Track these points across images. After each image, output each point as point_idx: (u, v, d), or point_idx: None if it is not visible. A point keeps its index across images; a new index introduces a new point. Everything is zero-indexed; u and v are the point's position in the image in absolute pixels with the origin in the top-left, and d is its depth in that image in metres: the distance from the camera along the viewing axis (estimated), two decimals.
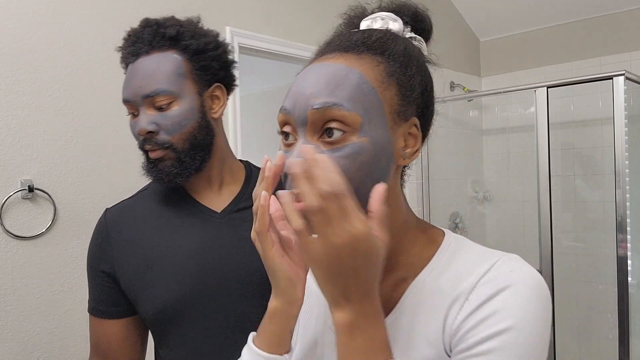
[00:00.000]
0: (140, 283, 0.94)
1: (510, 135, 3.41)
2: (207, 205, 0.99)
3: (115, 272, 0.96)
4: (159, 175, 0.94)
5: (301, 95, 0.55)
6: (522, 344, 0.52)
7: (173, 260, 0.93)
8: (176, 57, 0.93)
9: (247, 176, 1.06)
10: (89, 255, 1.01)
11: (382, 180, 0.56)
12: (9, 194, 1.48)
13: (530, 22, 3.33)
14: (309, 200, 0.49)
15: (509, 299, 0.54)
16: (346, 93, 0.54)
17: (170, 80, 0.91)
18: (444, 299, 0.58)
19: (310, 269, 0.53)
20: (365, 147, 0.54)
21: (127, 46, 0.94)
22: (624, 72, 2.14)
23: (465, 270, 0.59)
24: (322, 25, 2.72)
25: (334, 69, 0.56)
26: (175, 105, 0.91)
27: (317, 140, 0.55)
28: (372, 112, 0.55)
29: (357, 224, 0.49)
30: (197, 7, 1.95)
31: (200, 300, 0.92)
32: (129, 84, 0.92)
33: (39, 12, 1.55)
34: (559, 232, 2.81)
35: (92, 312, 1.01)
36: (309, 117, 0.54)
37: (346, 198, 0.49)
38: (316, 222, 0.50)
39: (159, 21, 0.95)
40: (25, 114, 1.52)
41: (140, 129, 0.91)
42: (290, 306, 0.60)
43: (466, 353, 0.54)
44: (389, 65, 0.58)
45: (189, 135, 0.93)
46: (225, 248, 0.95)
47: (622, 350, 2.10)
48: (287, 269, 0.59)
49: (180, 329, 0.93)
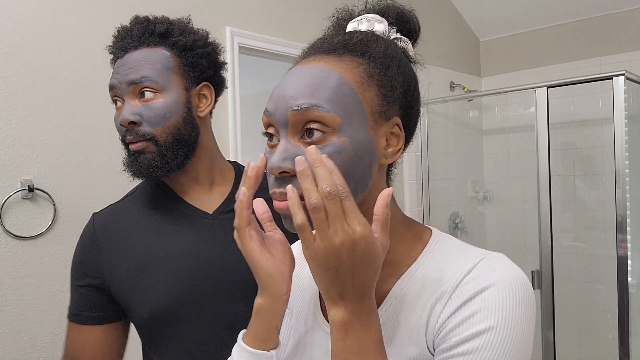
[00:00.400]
0: (133, 287, 0.92)
1: (510, 135, 3.41)
2: (198, 206, 0.98)
3: (104, 277, 0.94)
4: (138, 169, 0.92)
5: (282, 97, 0.57)
6: (503, 343, 0.53)
7: (166, 263, 0.92)
8: (164, 52, 0.93)
9: (237, 177, 1.06)
10: (75, 259, 0.99)
11: (365, 179, 0.58)
12: (9, 194, 1.48)
13: (530, 22, 3.33)
14: (312, 197, 0.51)
15: (490, 299, 0.54)
16: (325, 95, 0.56)
17: (157, 72, 0.91)
18: (427, 297, 0.59)
19: (309, 265, 0.54)
20: (346, 147, 0.55)
21: (116, 42, 0.95)
22: (624, 72, 2.14)
23: (450, 269, 0.59)
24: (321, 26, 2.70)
25: (314, 71, 0.58)
26: (160, 98, 0.91)
27: (298, 140, 0.57)
28: (351, 113, 0.56)
29: (357, 225, 0.51)
30: (197, 7, 1.95)
31: (194, 302, 0.91)
32: (116, 72, 0.93)
33: (38, 12, 1.55)
34: (559, 232, 2.81)
35: (72, 318, 0.98)
36: (290, 118, 0.56)
37: (347, 200, 0.51)
38: (317, 219, 0.51)
39: (148, 18, 0.96)
40: (25, 114, 1.52)
41: (123, 119, 0.90)
42: (273, 302, 0.61)
43: (448, 353, 0.54)
44: (369, 66, 0.59)
45: (173, 129, 0.92)
46: (219, 249, 0.94)
47: (622, 350, 2.10)
48: (267, 265, 0.60)
49: (174, 332, 0.92)
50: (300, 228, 0.52)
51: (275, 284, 0.61)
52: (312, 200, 0.51)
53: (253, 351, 0.62)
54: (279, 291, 0.61)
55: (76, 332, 0.97)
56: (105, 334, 0.97)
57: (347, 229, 0.51)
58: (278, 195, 0.56)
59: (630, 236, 2.15)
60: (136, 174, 0.93)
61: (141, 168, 0.91)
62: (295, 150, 0.56)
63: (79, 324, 0.97)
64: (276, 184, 0.57)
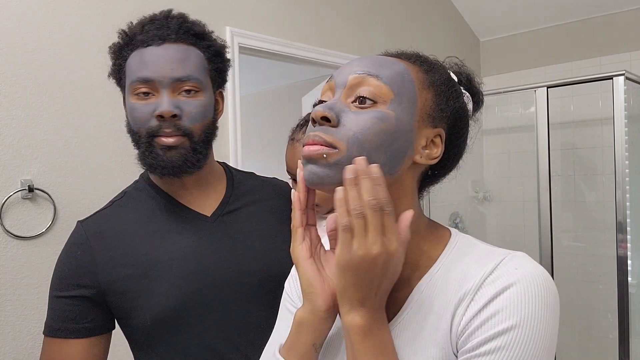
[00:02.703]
0: (135, 292, 0.90)
1: (510, 135, 3.41)
2: (195, 209, 0.97)
3: (100, 284, 0.90)
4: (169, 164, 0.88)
5: (350, 65, 0.63)
6: (526, 342, 0.53)
7: (170, 267, 0.91)
8: (199, 53, 0.93)
9: (229, 178, 1.05)
10: (61, 270, 0.94)
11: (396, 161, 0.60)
12: (9, 194, 1.48)
13: (530, 22, 3.33)
14: (353, 205, 0.53)
15: (512, 297, 0.55)
16: (388, 72, 0.60)
17: (199, 71, 0.91)
18: (451, 299, 0.59)
19: (340, 269, 0.55)
20: (389, 118, 0.58)
21: (150, 29, 0.90)
22: (624, 72, 2.14)
23: (472, 270, 0.59)
24: (322, 25, 2.70)
25: (385, 58, 0.64)
26: (200, 96, 0.91)
27: (349, 103, 0.60)
28: (404, 97, 0.60)
29: (394, 241, 0.54)
30: (197, 7, 1.95)
31: (199, 305, 0.91)
32: (153, 64, 0.88)
33: (38, 12, 1.55)
34: (559, 232, 2.81)
35: (52, 333, 0.92)
36: (349, 80, 0.61)
37: (388, 214, 0.54)
38: (358, 225, 0.53)
39: (182, 15, 0.95)
40: (25, 114, 1.52)
41: (165, 111, 0.86)
42: (312, 315, 0.60)
43: (471, 353, 0.55)
44: (432, 76, 0.64)
45: (206, 128, 0.93)
46: (221, 251, 0.94)
47: (622, 350, 2.10)
48: (310, 273, 0.60)
49: (178, 336, 0.91)
50: (345, 229, 0.54)
51: (315, 296, 0.59)
52: (357, 207, 0.53)
53: None
54: (317, 304, 0.59)
55: (57, 349, 0.91)
56: (89, 349, 0.91)
57: (386, 241, 0.53)
58: (311, 137, 0.58)
59: (630, 236, 2.15)
60: (166, 168, 0.89)
61: (173, 163, 0.88)
62: (342, 107, 0.59)
63: (62, 338, 0.91)
64: (312, 128, 0.60)
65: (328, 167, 0.57)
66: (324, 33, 2.50)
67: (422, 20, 3.10)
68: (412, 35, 2.97)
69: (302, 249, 0.61)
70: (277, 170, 1.41)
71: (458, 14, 3.41)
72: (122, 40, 0.94)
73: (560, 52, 3.26)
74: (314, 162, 0.58)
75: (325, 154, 0.57)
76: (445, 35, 3.27)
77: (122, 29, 0.95)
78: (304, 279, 0.60)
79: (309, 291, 0.60)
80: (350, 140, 0.57)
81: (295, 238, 0.62)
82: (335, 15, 2.56)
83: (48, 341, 0.93)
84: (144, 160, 0.91)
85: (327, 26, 2.52)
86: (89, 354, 0.92)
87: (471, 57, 3.54)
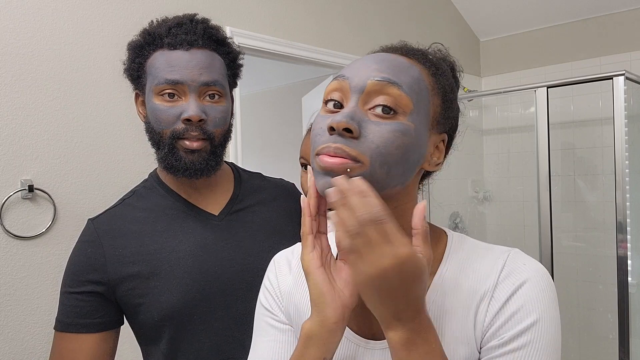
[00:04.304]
0: (145, 289, 0.92)
1: (510, 135, 3.41)
2: (204, 208, 0.99)
3: (109, 281, 0.92)
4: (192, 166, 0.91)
5: (365, 67, 0.59)
6: (547, 332, 0.57)
7: (178, 265, 0.93)
8: (220, 59, 0.96)
9: (236, 177, 1.07)
10: (73, 266, 0.96)
11: (410, 172, 0.59)
12: (9, 194, 1.48)
13: (530, 22, 3.33)
14: (350, 226, 0.51)
15: (529, 293, 0.58)
16: (407, 80, 0.58)
17: (222, 77, 0.95)
18: (469, 298, 0.60)
19: (361, 291, 0.54)
20: (410, 131, 0.57)
21: (178, 33, 0.91)
22: (624, 72, 2.13)
23: (482, 267, 0.62)
24: (322, 25, 2.70)
25: (399, 60, 0.61)
26: (223, 101, 0.94)
27: (366, 110, 0.57)
28: (421, 107, 0.59)
29: (401, 247, 0.50)
30: (197, 7, 1.95)
31: (206, 302, 0.93)
32: (183, 68, 0.90)
33: (39, 12, 1.55)
34: (559, 232, 2.81)
35: (63, 327, 0.93)
36: (368, 86, 0.57)
37: (386, 223, 0.51)
38: (359, 245, 0.51)
39: (205, 20, 0.97)
40: (25, 114, 1.52)
41: (194, 115, 0.89)
42: (322, 327, 0.57)
43: (503, 349, 0.57)
44: (440, 80, 0.63)
45: (225, 132, 0.96)
46: (228, 250, 0.96)
47: (622, 350, 2.10)
48: (320, 282, 0.58)
49: (185, 333, 0.93)
50: (350, 252, 0.52)
51: (325, 306, 0.57)
52: (349, 228, 0.51)
53: None
54: (327, 315, 0.57)
55: (67, 343, 0.93)
56: (99, 344, 0.93)
57: (392, 251, 0.50)
58: (333, 149, 0.55)
59: (630, 236, 2.15)
60: (187, 170, 0.91)
61: (195, 166, 0.91)
62: (361, 116, 0.56)
63: (73, 333, 0.93)
64: (332, 139, 0.56)
65: None
66: (324, 33, 2.49)
67: (422, 21, 3.10)
68: (412, 36, 2.96)
69: (312, 257, 0.59)
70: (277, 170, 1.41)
71: (458, 14, 3.41)
72: (144, 39, 0.94)
73: (560, 52, 3.26)
74: (335, 174, 0.55)
75: (349, 168, 0.55)
76: (445, 35, 3.27)
77: (145, 28, 0.95)
78: (315, 288, 0.58)
79: (319, 301, 0.57)
80: (373, 154, 0.55)
81: (306, 245, 0.59)
82: (335, 15, 2.56)
83: (59, 336, 0.94)
84: (166, 161, 0.92)
85: (327, 26, 2.52)
86: (100, 349, 0.94)
87: (471, 57, 3.54)
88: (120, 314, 0.97)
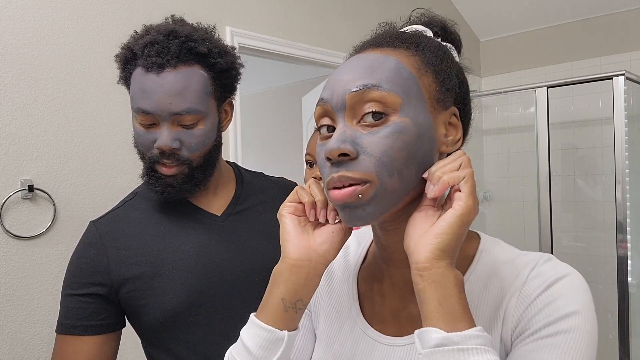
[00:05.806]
0: (148, 291, 0.92)
1: (510, 135, 3.41)
2: (206, 209, 0.99)
3: (112, 283, 0.92)
4: (164, 189, 0.92)
5: (338, 82, 0.56)
6: (588, 327, 0.54)
7: (181, 266, 0.93)
8: (203, 74, 0.90)
9: (238, 178, 1.07)
10: (75, 268, 0.95)
11: (426, 164, 0.56)
12: (9, 194, 1.48)
13: (530, 22, 3.33)
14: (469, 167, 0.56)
15: (570, 285, 0.56)
16: (384, 75, 0.55)
17: (199, 100, 0.89)
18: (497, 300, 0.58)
19: (460, 222, 0.53)
20: (407, 127, 0.54)
21: (150, 54, 0.87)
22: (624, 72, 2.14)
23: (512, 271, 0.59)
24: (322, 25, 2.70)
25: (370, 57, 0.57)
26: (201, 125, 0.90)
27: (355, 124, 0.55)
28: (411, 95, 0.55)
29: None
30: (198, 7, 1.95)
31: (209, 303, 0.93)
32: (153, 96, 0.87)
33: (39, 13, 1.55)
34: (559, 232, 2.81)
35: (65, 330, 0.92)
36: (347, 101, 0.55)
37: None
38: (471, 185, 0.54)
39: (186, 33, 0.90)
40: (25, 114, 1.52)
41: (165, 145, 0.88)
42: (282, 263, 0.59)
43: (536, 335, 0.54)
44: (424, 55, 0.59)
45: (206, 153, 0.93)
46: (231, 250, 0.96)
47: (622, 350, 2.10)
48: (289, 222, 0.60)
49: (188, 333, 0.93)
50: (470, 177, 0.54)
51: (287, 243, 0.59)
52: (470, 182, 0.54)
53: (263, 326, 0.59)
54: (288, 252, 0.59)
55: (69, 346, 0.92)
56: (101, 345, 0.93)
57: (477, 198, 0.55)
58: (337, 179, 0.54)
59: (630, 236, 2.15)
60: (161, 193, 0.92)
61: (168, 189, 0.92)
62: (353, 134, 0.54)
63: (75, 335, 0.92)
64: (334, 169, 0.55)
65: (368, 205, 0.54)
66: (324, 33, 2.49)
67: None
68: None
69: (289, 208, 0.61)
70: (277, 170, 1.41)
71: (458, 14, 3.41)
72: (125, 55, 0.93)
73: (560, 52, 3.26)
74: (352, 206, 0.54)
75: (360, 194, 0.53)
76: None
77: (125, 44, 0.93)
78: (283, 230, 0.60)
79: (283, 239, 0.60)
80: (377, 167, 0.53)
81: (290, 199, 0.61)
82: (335, 15, 2.56)
83: (61, 338, 0.94)
84: (146, 181, 0.94)
85: (327, 26, 2.52)
86: (102, 351, 0.93)
87: (471, 57, 3.54)
88: (122, 316, 0.96)
